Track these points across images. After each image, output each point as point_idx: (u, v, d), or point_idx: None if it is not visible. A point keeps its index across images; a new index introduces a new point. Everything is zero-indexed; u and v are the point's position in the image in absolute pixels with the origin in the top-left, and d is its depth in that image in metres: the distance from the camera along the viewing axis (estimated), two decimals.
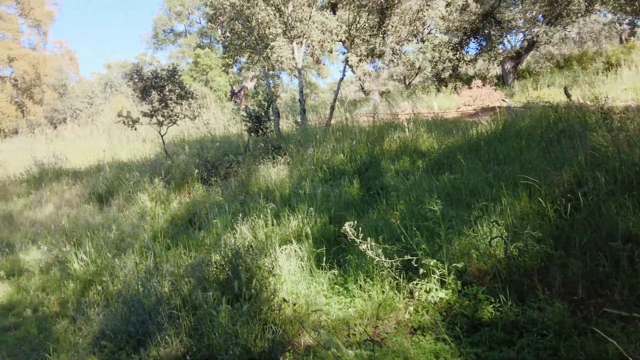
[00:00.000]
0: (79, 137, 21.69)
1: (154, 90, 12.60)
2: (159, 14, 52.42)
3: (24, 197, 13.14)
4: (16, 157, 18.22)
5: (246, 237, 6.77)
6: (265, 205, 7.82)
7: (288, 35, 15.73)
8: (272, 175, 9.67)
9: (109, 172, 12.39)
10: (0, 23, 35.53)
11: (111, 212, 9.96)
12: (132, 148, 17.09)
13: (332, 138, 11.50)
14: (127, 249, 7.41)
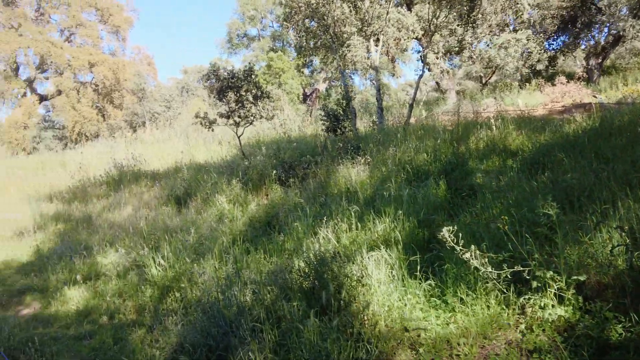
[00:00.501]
0: (157, 140, 21.99)
1: (231, 91, 12.41)
2: (232, 19, 53.08)
3: (103, 199, 13.25)
4: (97, 160, 18.60)
5: (329, 242, 6.33)
6: (347, 208, 7.36)
7: (364, 33, 15.24)
8: (352, 176, 9.21)
9: (186, 174, 12.28)
10: (82, 30, 36.79)
11: (189, 214, 9.77)
12: (209, 149, 17.06)
13: (413, 137, 10.94)
14: (206, 253, 7.13)
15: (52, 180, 16.95)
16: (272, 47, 51.62)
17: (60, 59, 34.57)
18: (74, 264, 8.48)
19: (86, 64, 35.09)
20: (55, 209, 12.90)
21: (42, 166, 19.40)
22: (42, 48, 34.02)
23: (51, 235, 10.97)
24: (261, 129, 17.03)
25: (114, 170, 15.45)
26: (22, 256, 10.16)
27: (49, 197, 14.35)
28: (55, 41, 35.52)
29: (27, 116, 35.29)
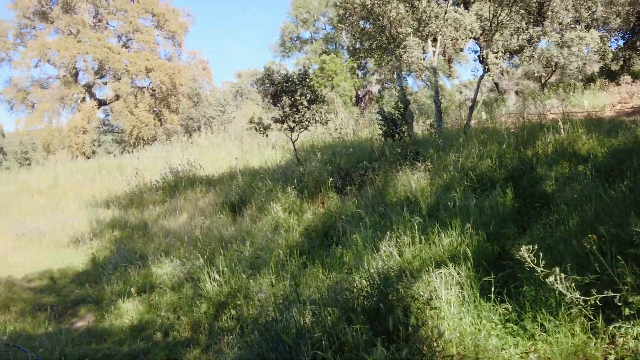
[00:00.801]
0: (212, 144, 22.04)
1: (285, 95, 12.19)
2: (286, 22, 53.28)
3: (159, 205, 13.21)
4: (154, 164, 18.72)
5: (392, 256, 5.96)
6: (409, 219, 6.96)
7: (420, 34, 14.79)
8: (412, 184, 8.80)
9: (241, 180, 12.08)
10: (139, 35, 37.43)
11: (244, 223, 9.52)
12: (263, 154, 16.92)
13: (475, 141, 10.42)
14: (262, 267, 6.84)
15: (109, 185, 17.14)
16: (325, 49, 51.49)
17: (118, 65, 35.26)
18: (129, 275, 8.36)
19: (143, 69, 35.67)
20: (112, 215, 12.94)
21: (99, 170, 19.69)
22: (101, 54, 34.77)
23: (107, 243, 10.95)
24: (315, 133, 16.76)
25: (169, 176, 15.45)
26: (78, 264, 10.16)
27: (106, 203, 14.45)
28: (113, 47, 36.26)
29: (86, 121, 36.14)
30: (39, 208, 15.44)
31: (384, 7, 14.02)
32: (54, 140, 35.46)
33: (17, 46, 37.19)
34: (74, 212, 14.22)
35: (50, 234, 12.23)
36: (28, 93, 37.18)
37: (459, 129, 13.70)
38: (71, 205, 15.10)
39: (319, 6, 50.91)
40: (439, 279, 5.06)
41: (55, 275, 9.63)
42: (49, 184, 19.11)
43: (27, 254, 11.41)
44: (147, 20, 39.36)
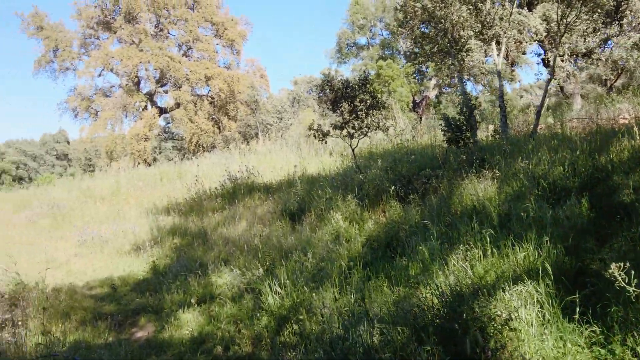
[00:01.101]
0: (269, 151, 22.04)
1: (345, 101, 11.97)
2: (342, 29, 53.29)
3: (218, 213, 13.18)
4: (213, 171, 18.81)
5: (462, 271, 5.62)
6: (479, 230, 6.59)
7: (483, 36, 14.32)
8: (479, 193, 8.40)
9: (300, 188, 11.91)
10: (198, 44, 38.03)
11: (304, 232, 9.31)
12: (321, 161, 16.73)
13: (545, 147, 9.91)
14: (324, 279, 6.60)
15: (169, 192, 17.30)
16: (382, 55, 51.23)
17: (179, 73, 35.92)
18: (189, 284, 8.27)
19: (203, 78, 36.20)
20: (172, 222, 12.99)
21: (160, 178, 19.95)
22: (162, 63, 35.50)
23: (167, 251, 10.96)
24: (374, 139, 16.46)
25: (228, 183, 15.45)
26: (138, 272, 10.18)
27: (166, 210, 14.56)
28: (174, 56, 36.97)
29: (147, 128, 36.95)
30: (102, 215, 15.73)
31: (446, 10, 13.64)
32: (117, 148, 36.36)
33: (81, 56, 38.43)
34: (135, 219, 14.39)
35: (112, 241, 12.37)
36: (92, 101, 38.32)
37: (524, 135, 13.16)
38: (132, 212, 15.31)
39: (375, 12, 50.69)
40: (516, 297, 4.70)
41: (116, 283, 9.67)
42: (111, 191, 19.50)
43: (89, 261, 11.56)
44: (206, 29, 40.00)
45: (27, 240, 14.31)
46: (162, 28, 38.84)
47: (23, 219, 17.21)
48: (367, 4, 51.64)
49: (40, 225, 15.87)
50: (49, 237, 14.33)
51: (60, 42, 36.69)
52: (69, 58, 37.31)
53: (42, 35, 36.71)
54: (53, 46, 36.70)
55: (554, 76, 14.92)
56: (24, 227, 16.13)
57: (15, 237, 14.96)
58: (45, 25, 36.95)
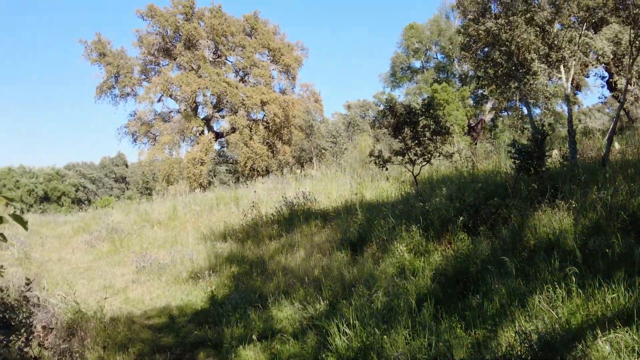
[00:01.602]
0: (324, 176, 21.79)
1: (407, 127, 11.62)
2: (396, 53, 53.22)
3: (275, 240, 12.93)
4: (268, 196, 18.66)
5: (546, 313, 5.14)
6: (559, 267, 6.09)
7: (550, 59, 13.76)
8: (554, 225, 7.86)
9: (360, 216, 11.53)
10: (255, 70, 38.44)
11: (366, 264, 8.90)
12: (378, 187, 16.33)
13: (621, 176, 9.29)
14: (392, 318, 6.17)
15: (225, 217, 17.21)
16: (436, 78, 50.84)
17: (235, 98, 36.32)
18: (249, 317, 7.95)
19: (259, 103, 36.49)
20: (229, 249, 12.80)
21: (216, 202, 19.92)
22: (219, 88, 36.00)
23: (225, 279, 10.72)
24: (436, 164, 15.97)
25: (284, 209, 15.24)
26: (196, 301, 9.97)
27: (223, 236, 14.41)
28: (231, 81, 37.45)
29: (204, 152, 37.40)
30: (159, 240, 15.72)
31: (511, 33, 13.19)
32: (174, 171, 36.88)
33: (141, 82, 39.44)
34: (192, 244, 14.29)
35: (169, 267, 12.26)
36: (151, 126, 39.16)
37: (595, 161, 12.48)
38: (189, 237, 15.23)
39: (431, 35, 50.41)
40: (610, 346, 4.22)
41: (174, 313, 9.47)
42: (168, 215, 19.58)
43: (146, 288, 11.45)
44: (263, 55, 40.46)
45: (86, 265, 14.41)
46: (221, 54, 39.50)
47: (82, 242, 17.41)
48: (422, 28, 51.48)
49: (98, 249, 15.98)
50: (107, 262, 14.38)
51: (122, 68, 37.73)
52: (130, 84, 38.30)
53: (104, 61, 37.87)
54: (115, 72, 37.77)
55: (625, 100, 14.17)
56: (83, 251, 16.30)
57: (74, 261, 15.10)
58: (107, 52, 38.13)
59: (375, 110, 59.47)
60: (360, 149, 29.40)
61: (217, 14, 38.76)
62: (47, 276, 12.43)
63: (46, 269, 13.80)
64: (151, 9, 37.80)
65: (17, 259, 13.81)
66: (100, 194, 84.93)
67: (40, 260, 14.71)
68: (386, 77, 55.14)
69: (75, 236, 19.85)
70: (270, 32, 40.94)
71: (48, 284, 10.99)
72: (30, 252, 15.19)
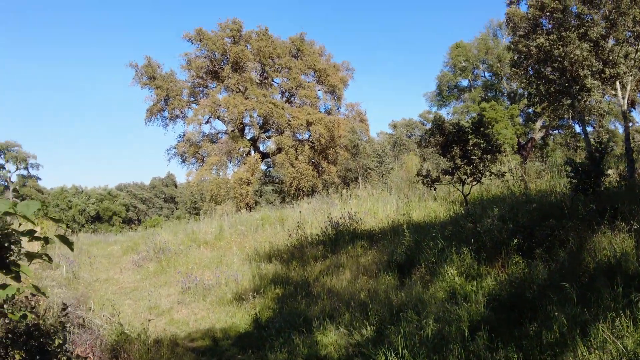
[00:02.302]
0: (370, 195, 21.51)
1: (456, 146, 11.29)
2: (443, 72, 52.82)
3: (320, 261, 12.71)
4: (313, 217, 18.49)
5: (610, 344, 4.76)
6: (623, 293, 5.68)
7: (604, 75, 13.27)
8: (614, 247, 7.42)
9: (407, 237, 11.20)
10: (301, 91, 38.62)
11: (414, 288, 8.57)
12: (425, 207, 15.93)
13: None
14: (444, 347, 5.85)
15: (270, 237, 17.11)
16: (484, 97, 50.16)
17: (281, 119, 36.54)
18: (293, 342, 7.72)
19: (304, 123, 36.60)
20: (274, 270, 12.64)
21: (261, 222, 19.87)
22: (266, 109, 36.29)
23: (269, 301, 10.54)
24: (485, 183, 15.51)
25: (330, 229, 15.03)
26: (240, 324, 9.80)
27: (267, 256, 14.28)
28: (277, 102, 37.72)
29: (250, 173, 37.64)
30: (205, 260, 15.72)
31: (564, 49, 12.78)
32: (221, 192, 37.19)
33: (190, 104, 40.13)
34: (237, 265, 14.21)
35: (214, 288, 12.18)
36: (199, 147, 39.71)
37: None
38: (235, 258, 15.16)
39: (478, 54, 49.85)
40: None
41: (218, 335, 9.33)
42: (214, 235, 19.62)
43: (191, 309, 11.38)
44: (309, 76, 40.67)
45: (132, 285, 14.49)
46: (267, 76, 39.91)
47: (130, 262, 17.58)
48: (469, 46, 50.99)
49: (145, 269, 16.08)
50: (154, 282, 14.42)
51: (171, 91, 38.48)
52: (179, 106, 39.00)
53: (154, 85, 38.72)
54: (164, 95, 38.54)
55: None
56: (130, 271, 16.43)
57: (122, 281, 15.22)
58: (157, 76, 38.98)
59: (421, 129, 59.13)
60: (407, 169, 29.06)
61: (263, 36, 39.24)
62: (94, 296, 12.52)
63: (93, 289, 13.92)
64: (199, 32, 38.56)
65: (65, 278, 13.97)
66: (150, 214, 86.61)
67: (88, 280, 14.87)
68: (432, 96, 54.75)
69: (124, 256, 20.09)
70: (316, 53, 41.17)
71: (94, 304, 11.03)
72: (79, 271, 15.37)
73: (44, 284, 12.16)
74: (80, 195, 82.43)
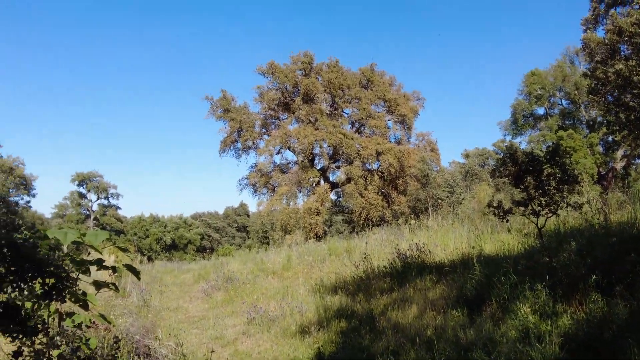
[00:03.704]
0: (440, 227, 20.96)
1: (529, 175, 10.78)
2: (517, 100, 51.65)
3: (387, 294, 12.36)
4: (381, 248, 18.17)
5: None
6: None
7: None
8: None
9: (478, 271, 10.72)
10: (371, 121, 38.61)
11: (484, 325, 8.13)
12: (498, 240, 15.31)
13: None
14: None
15: (337, 268, 16.89)
16: (561, 125, 48.60)
17: (351, 149, 36.59)
18: None
19: (374, 153, 36.51)
20: (339, 303, 12.40)
21: (329, 253, 19.72)
22: (335, 140, 36.47)
23: (333, 335, 10.29)
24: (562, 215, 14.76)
25: (397, 261, 14.66)
26: (302, 358, 9.58)
27: (333, 288, 14.05)
28: (347, 133, 37.89)
29: (319, 203, 37.76)
30: (271, 290, 15.69)
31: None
32: (291, 221, 37.48)
33: (262, 135, 40.95)
34: (302, 296, 14.06)
35: (279, 320, 12.07)
36: (270, 177, 40.32)
37: None
38: (300, 288, 15.05)
39: (554, 81, 48.50)
40: None
41: None
42: (282, 264, 19.64)
43: (255, 340, 11.29)
44: (379, 106, 40.73)
45: (200, 315, 14.62)
46: (337, 107, 40.23)
47: (199, 291, 17.81)
48: (545, 74, 49.74)
49: (214, 298, 16.22)
50: (221, 312, 14.49)
51: (244, 123, 39.43)
52: (252, 137, 39.88)
53: (228, 117, 39.83)
54: (237, 127, 39.54)
55: None
56: (199, 300, 16.62)
57: (190, 310, 15.40)
58: (231, 108, 40.08)
59: (495, 158, 57.85)
60: (479, 199, 28.32)
61: (334, 68, 39.69)
62: (162, 325, 12.68)
63: (162, 317, 14.12)
64: (272, 66, 39.45)
65: (136, 306, 14.25)
66: (223, 242, 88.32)
67: (158, 308, 15.11)
68: (507, 125, 53.57)
69: (195, 284, 20.41)
70: (386, 83, 41.21)
71: (162, 333, 11.13)
72: (150, 299, 15.67)
73: (115, 312, 12.41)
74: (157, 223, 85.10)
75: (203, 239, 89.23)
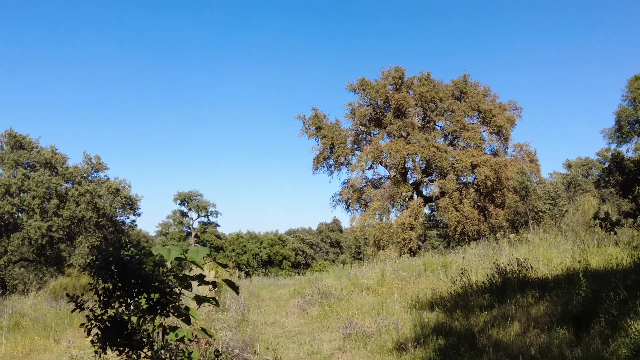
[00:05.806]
0: (542, 240, 20.05)
1: (638, 185, 10.14)
2: (622, 106, 48.90)
3: (486, 311, 11.90)
4: (478, 263, 17.58)
5: None
6: None
7: None
8: None
9: (584, 287, 10.11)
10: (465, 133, 37.77)
11: (592, 344, 7.64)
12: (605, 253, 14.41)
13: None
14: None
15: (433, 284, 16.50)
16: None
17: (444, 162, 35.97)
18: None
19: (469, 166, 35.67)
20: (435, 319, 12.08)
21: (424, 268, 19.33)
22: (428, 153, 36.01)
23: (431, 353, 10.00)
24: None
25: (497, 277, 14.11)
26: None
27: (429, 304, 13.72)
28: (440, 146, 37.31)
29: (413, 217, 37.28)
30: (366, 306, 15.55)
31: None
32: (384, 236, 37.23)
33: (354, 151, 41.13)
34: (398, 313, 13.82)
35: (374, 336, 11.91)
36: (362, 193, 40.35)
37: None
38: (396, 304, 14.80)
39: None
40: None
41: None
42: (376, 280, 19.46)
43: (351, 356, 11.19)
44: (473, 117, 39.86)
45: (297, 329, 14.74)
46: (429, 120, 39.75)
47: (295, 306, 17.99)
48: None
49: (309, 313, 16.32)
50: (316, 327, 14.53)
51: (336, 139, 39.81)
52: (344, 154, 40.16)
53: (320, 134, 40.37)
54: (329, 144, 39.98)
55: None
56: (295, 315, 16.78)
57: (287, 324, 15.57)
58: (323, 126, 40.59)
59: (599, 168, 54.92)
60: (584, 211, 26.87)
61: (425, 81, 39.31)
62: (260, 339, 12.89)
63: (260, 331, 14.36)
64: (362, 82, 39.66)
65: (235, 321, 14.57)
66: (317, 258, 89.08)
67: (256, 323, 15.39)
68: (611, 133, 50.75)
69: (291, 299, 20.65)
70: (481, 94, 40.26)
71: (260, 347, 11.31)
72: (248, 314, 16.00)
73: (215, 327, 12.74)
74: (254, 240, 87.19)
75: (297, 255, 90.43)
